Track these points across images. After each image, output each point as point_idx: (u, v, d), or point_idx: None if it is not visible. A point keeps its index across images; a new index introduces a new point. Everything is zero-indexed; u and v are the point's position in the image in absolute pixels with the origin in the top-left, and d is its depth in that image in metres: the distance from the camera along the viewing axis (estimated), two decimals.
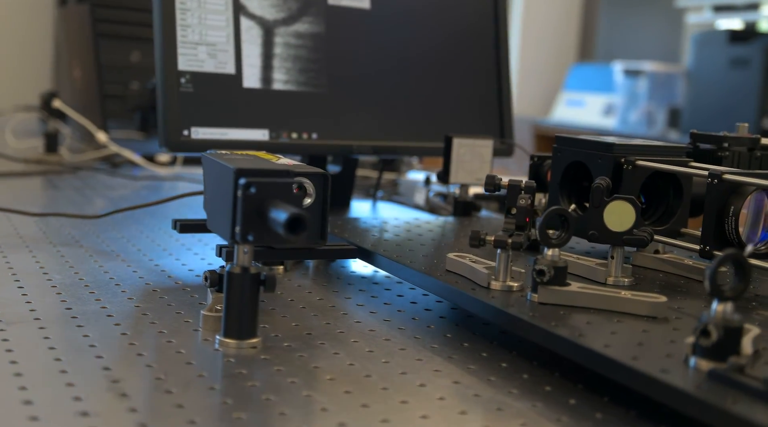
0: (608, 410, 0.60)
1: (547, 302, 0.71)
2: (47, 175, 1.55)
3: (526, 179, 0.80)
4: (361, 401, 0.59)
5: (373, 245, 0.90)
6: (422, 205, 1.35)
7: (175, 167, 1.66)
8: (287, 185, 0.63)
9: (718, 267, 0.57)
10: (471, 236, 0.76)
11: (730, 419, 0.50)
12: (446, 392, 0.62)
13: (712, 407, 0.51)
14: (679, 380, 0.55)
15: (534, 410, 0.59)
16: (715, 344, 0.56)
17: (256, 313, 0.69)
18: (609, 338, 0.63)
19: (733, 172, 0.79)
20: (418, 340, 0.73)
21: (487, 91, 1.31)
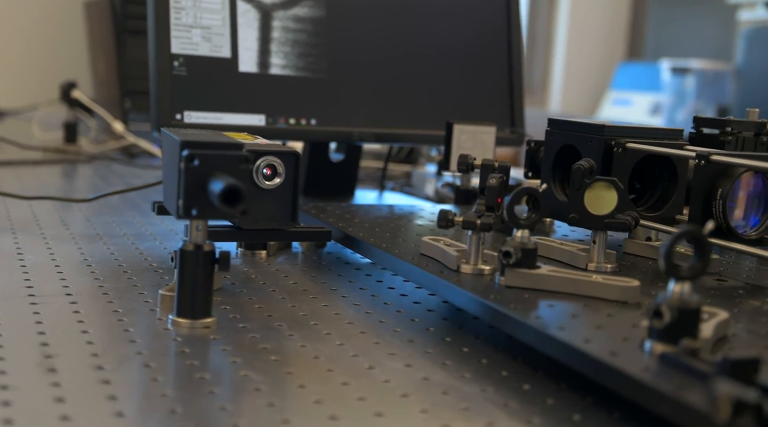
0: (562, 395, 0.56)
1: (514, 286, 0.68)
2: (62, 165, 1.56)
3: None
4: (299, 382, 0.56)
5: (352, 228, 0.88)
6: (431, 196, 1.32)
7: None
8: (233, 158, 0.61)
9: (674, 244, 0.53)
10: (439, 216, 0.73)
11: (670, 404, 0.47)
12: (393, 376, 0.59)
13: (653, 390, 0.48)
14: (625, 362, 0.51)
15: (482, 395, 0.56)
16: (670, 327, 0.53)
17: (209, 292, 0.66)
18: (567, 321, 0.60)
19: (721, 154, 0.75)
20: (383, 324, 0.70)
21: (497, 78, 1.28)
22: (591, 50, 4.54)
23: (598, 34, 4.54)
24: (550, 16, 4.47)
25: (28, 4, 2.93)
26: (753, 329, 0.61)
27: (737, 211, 0.74)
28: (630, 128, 0.85)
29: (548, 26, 4.48)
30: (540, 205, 0.69)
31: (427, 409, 0.54)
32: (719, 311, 0.59)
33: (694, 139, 0.95)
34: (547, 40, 4.49)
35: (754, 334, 0.60)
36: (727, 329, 0.59)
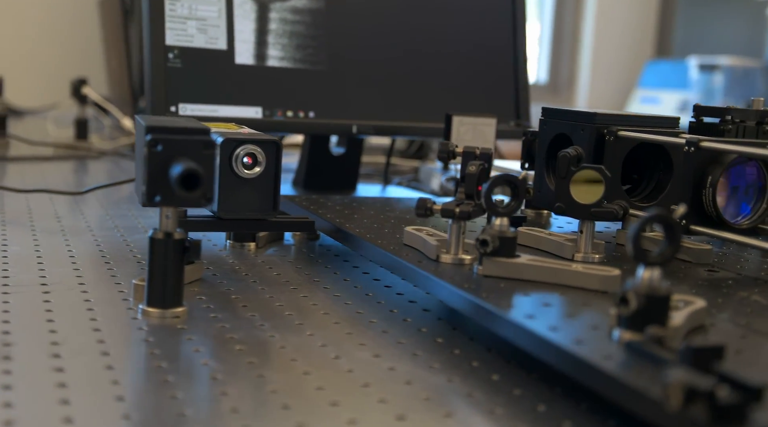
0: (530, 386, 0.55)
1: (491, 275, 0.66)
2: (71, 161, 1.56)
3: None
4: (258, 372, 0.55)
5: (339, 219, 0.86)
6: (436, 190, 1.30)
7: None
8: (196, 143, 0.59)
9: (642, 228, 0.51)
10: (417, 204, 0.71)
11: (626, 392, 0.45)
12: (359, 366, 0.57)
13: (611, 378, 0.46)
14: (587, 350, 0.49)
15: (447, 385, 0.55)
16: (637, 314, 0.51)
17: (180, 281, 0.65)
18: (538, 310, 0.58)
19: (711, 141, 0.72)
20: (360, 315, 0.69)
21: (501, 70, 1.25)
22: (618, 48, 4.48)
23: (625, 31, 4.49)
24: (576, 13, 4.42)
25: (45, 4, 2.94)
26: (734, 319, 0.59)
27: (718, 198, 0.72)
28: (623, 116, 0.83)
29: (575, 23, 4.44)
30: (519, 192, 0.67)
31: (387, 399, 0.52)
32: (696, 300, 0.57)
33: (694, 128, 0.92)
34: (574, 38, 4.44)
35: (734, 324, 0.58)
36: (703, 318, 0.57)
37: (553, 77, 4.48)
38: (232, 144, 0.75)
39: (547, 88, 4.42)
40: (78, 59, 2.74)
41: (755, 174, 0.75)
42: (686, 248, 0.77)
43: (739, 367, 0.48)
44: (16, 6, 2.90)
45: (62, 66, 2.72)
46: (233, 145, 0.75)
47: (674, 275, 0.71)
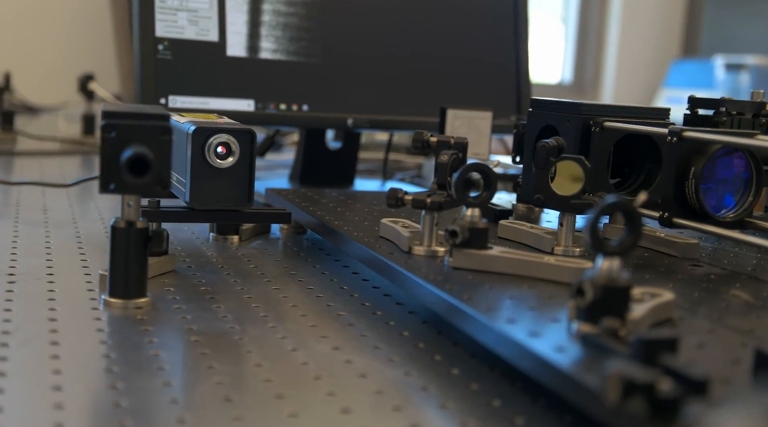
0: (490, 380, 0.53)
1: (461, 267, 0.64)
2: (76, 156, 1.55)
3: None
4: (208, 364, 0.53)
5: (320, 212, 0.85)
6: None
7: None
8: (153, 129, 0.58)
9: (599, 216, 0.49)
10: (388, 194, 0.69)
11: (570, 385, 0.43)
12: (314, 358, 0.56)
13: (556, 371, 0.44)
14: (539, 343, 0.47)
15: (403, 379, 0.53)
16: (595, 306, 0.49)
17: (143, 271, 0.64)
18: (500, 303, 0.56)
19: (694, 130, 0.70)
20: (330, 308, 0.67)
21: (502, 64, 1.23)
22: (644, 47, 4.43)
23: (651, 30, 4.43)
24: (602, 12, 4.38)
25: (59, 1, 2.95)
26: (706, 314, 0.57)
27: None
28: (611, 107, 0.81)
29: (600, 22, 4.39)
30: (492, 182, 0.65)
31: (335, 392, 0.50)
32: (663, 293, 0.55)
33: (688, 120, 0.90)
34: (599, 37, 4.40)
35: (705, 318, 0.56)
36: (670, 311, 0.54)
37: (578, 77, 4.43)
38: (205, 133, 0.73)
39: (572, 88, 4.37)
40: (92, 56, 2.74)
41: (743, 166, 0.72)
42: (672, 242, 0.75)
43: (696, 361, 0.46)
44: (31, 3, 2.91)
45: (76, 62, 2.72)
46: (206, 135, 0.73)
47: (655, 269, 0.69)
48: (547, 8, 4.33)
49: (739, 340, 0.51)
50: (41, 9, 2.89)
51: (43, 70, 2.79)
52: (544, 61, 4.31)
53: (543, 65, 4.31)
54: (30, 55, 2.84)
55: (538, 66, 4.25)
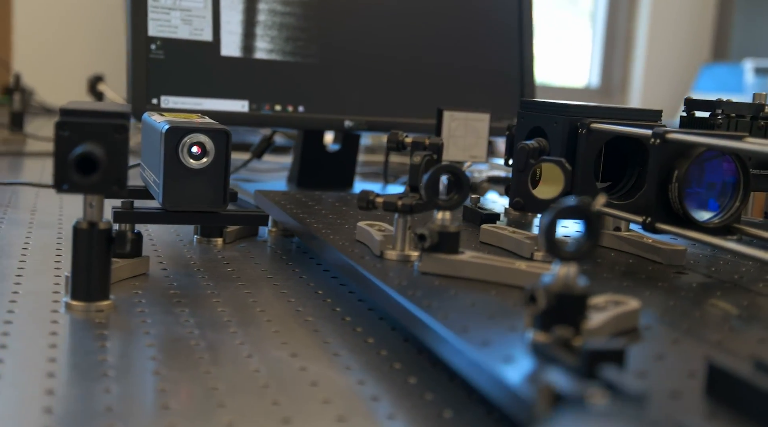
0: (445, 390, 0.51)
1: (430, 272, 0.62)
2: None
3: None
4: (156, 369, 0.52)
5: (302, 214, 0.83)
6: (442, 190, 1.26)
7: None
8: (107, 127, 0.57)
9: (555, 220, 0.47)
10: (359, 196, 0.67)
11: (509, 396, 0.41)
12: (268, 366, 0.54)
13: (499, 382, 0.42)
14: (487, 352, 0.45)
15: (356, 387, 0.51)
16: (549, 314, 0.47)
17: (106, 274, 0.63)
18: (459, 310, 0.54)
19: (677, 132, 0.67)
20: (299, 313, 0.65)
21: (505, 65, 1.21)
22: (673, 51, 4.37)
23: (680, 34, 4.38)
24: (630, 14, 4.32)
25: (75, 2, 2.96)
26: (677, 323, 0.54)
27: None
28: (600, 108, 0.79)
29: (629, 25, 4.34)
30: (463, 185, 0.63)
31: (280, 401, 0.48)
32: (629, 301, 0.52)
33: (685, 122, 0.87)
34: (627, 40, 4.35)
35: (674, 328, 0.53)
36: (634, 320, 0.52)
37: (606, 81, 4.38)
38: (179, 133, 0.72)
39: (599, 92, 4.33)
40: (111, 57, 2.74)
41: (733, 170, 0.69)
42: (657, 248, 0.72)
43: (648, 373, 0.44)
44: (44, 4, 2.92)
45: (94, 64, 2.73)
46: (180, 134, 0.72)
47: (636, 276, 0.67)
48: (574, 10, 4.28)
49: (703, 352, 0.48)
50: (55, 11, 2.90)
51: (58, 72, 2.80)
52: (570, 64, 4.27)
53: (569, 68, 4.27)
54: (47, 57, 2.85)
55: (563, 69, 4.22)
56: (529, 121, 0.82)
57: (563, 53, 4.18)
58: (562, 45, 4.17)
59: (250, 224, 0.83)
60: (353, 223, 0.81)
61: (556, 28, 4.13)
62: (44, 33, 2.85)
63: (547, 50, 4.05)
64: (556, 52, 4.13)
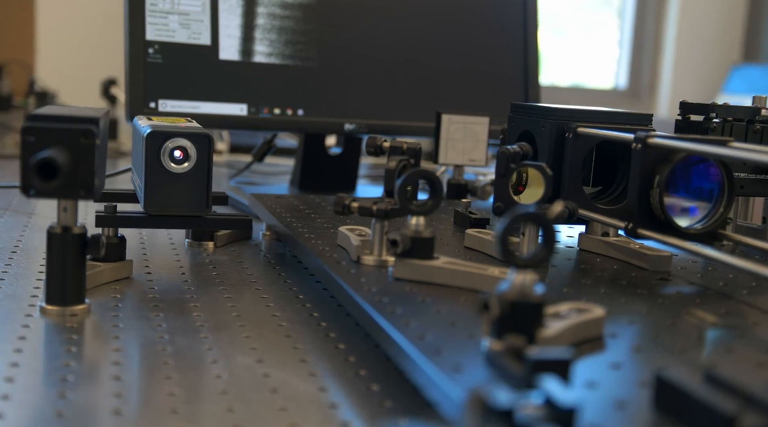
0: (406, 398, 0.50)
1: (403, 278, 0.62)
2: None
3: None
4: (117, 373, 0.52)
5: (289, 218, 0.83)
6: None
7: (222, 155, 1.63)
8: (74, 132, 0.57)
9: (510, 227, 0.46)
10: (334, 201, 0.67)
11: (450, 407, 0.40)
12: (231, 371, 0.53)
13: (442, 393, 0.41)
14: (438, 360, 0.45)
15: (316, 394, 0.51)
16: (504, 322, 0.46)
17: (81, 278, 0.63)
18: (422, 317, 0.53)
19: (658, 136, 0.66)
20: (275, 318, 0.65)
21: (509, 68, 1.20)
22: (702, 52, 4.33)
23: (710, 34, 4.33)
24: (659, 15, 4.28)
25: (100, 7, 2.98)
26: (645, 332, 0.53)
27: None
28: (589, 111, 0.78)
29: (657, 26, 4.30)
30: (438, 190, 0.62)
31: (235, 408, 0.48)
32: (594, 309, 0.52)
33: (680, 126, 0.86)
34: (656, 41, 4.31)
35: (641, 336, 0.52)
36: (597, 329, 0.51)
37: (634, 82, 4.34)
38: (161, 137, 0.72)
39: (627, 94, 4.29)
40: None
41: (717, 175, 0.68)
42: (643, 254, 0.71)
43: (600, 383, 0.43)
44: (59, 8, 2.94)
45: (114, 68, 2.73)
46: (161, 138, 0.72)
47: (617, 283, 0.66)
48: (607, 10, 4.25)
49: (664, 361, 0.47)
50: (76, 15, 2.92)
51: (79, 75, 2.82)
52: (597, 66, 4.24)
53: (596, 70, 4.24)
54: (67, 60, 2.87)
55: (590, 70, 4.19)
56: (519, 124, 0.82)
57: (589, 54, 4.15)
58: (589, 45, 4.14)
59: (234, 229, 0.83)
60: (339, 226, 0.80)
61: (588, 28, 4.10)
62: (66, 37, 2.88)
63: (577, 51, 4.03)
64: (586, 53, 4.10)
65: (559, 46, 4.00)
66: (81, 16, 2.92)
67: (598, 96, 4.13)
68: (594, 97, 4.07)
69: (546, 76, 3.95)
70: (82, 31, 2.91)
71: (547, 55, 3.96)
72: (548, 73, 3.98)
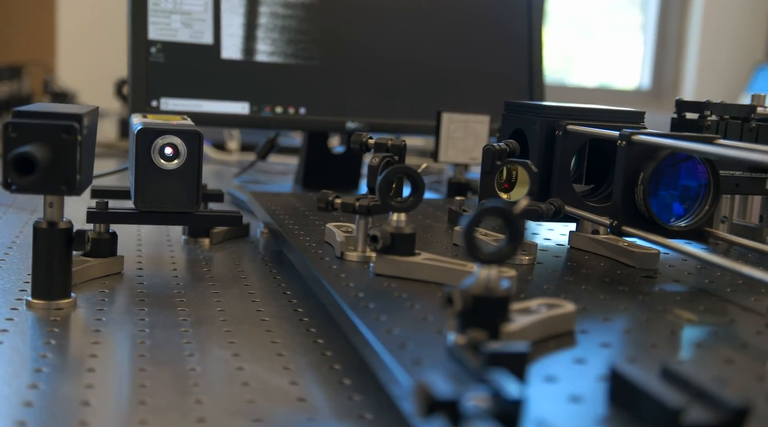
0: (374, 392, 0.50)
1: (383, 273, 0.62)
2: (110, 159, 1.58)
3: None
4: (92, 366, 0.52)
5: (281, 215, 0.83)
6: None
7: (233, 154, 1.64)
8: (56, 128, 0.57)
9: (474, 222, 0.46)
10: (318, 197, 0.67)
11: (405, 400, 0.40)
12: (205, 365, 0.54)
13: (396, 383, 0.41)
14: (399, 354, 0.45)
15: (286, 388, 0.51)
16: (468, 316, 0.46)
17: (67, 272, 0.64)
18: (394, 313, 0.53)
19: (642, 134, 0.66)
20: (259, 313, 0.65)
21: (513, 67, 1.20)
22: (726, 52, 4.29)
23: (734, 34, 4.29)
24: (682, 15, 4.25)
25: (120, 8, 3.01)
26: (615, 328, 0.53)
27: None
28: (579, 109, 0.77)
29: (680, 26, 4.27)
30: (419, 187, 0.62)
31: (203, 400, 0.48)
32: (565, 305, 0.52)
33: (675, 124, 0.85)
34: (679, 41, 4.28)
35: (610, 332, 0.52)
36: (568, 324, 0.51)
37: (657, 82, 4.31)
38: (151, 134, 0.73)
39: (650, 94, 4.26)
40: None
41: (696, 172, 0.68)
42: (629, 251, 0.71)
43: (559, 377, 0.43)
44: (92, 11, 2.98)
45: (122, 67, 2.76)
46: (152, 135, 0.73)
47: (599, 279, 0.66)
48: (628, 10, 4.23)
49: (631, 357, 0.47)
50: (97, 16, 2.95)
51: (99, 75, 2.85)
52: (624, 66, 4.22)
53: (623, 70, 4.22)
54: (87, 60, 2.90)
55: (617, 71, 4.17)
56: (512, 122, 0.82)
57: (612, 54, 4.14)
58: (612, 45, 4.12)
59: (223, 225, 0.83)
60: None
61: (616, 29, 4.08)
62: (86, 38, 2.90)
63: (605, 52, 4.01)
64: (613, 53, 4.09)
65: (587, 46, 3.98)
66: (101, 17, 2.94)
67: (621, 96, 4.11)
68: (617, 98, 4.05)
69: (574, 77, 3.95)
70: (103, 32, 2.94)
71: (576, 55, 3.95)
72: (576, 73, 3.98)
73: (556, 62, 3.80)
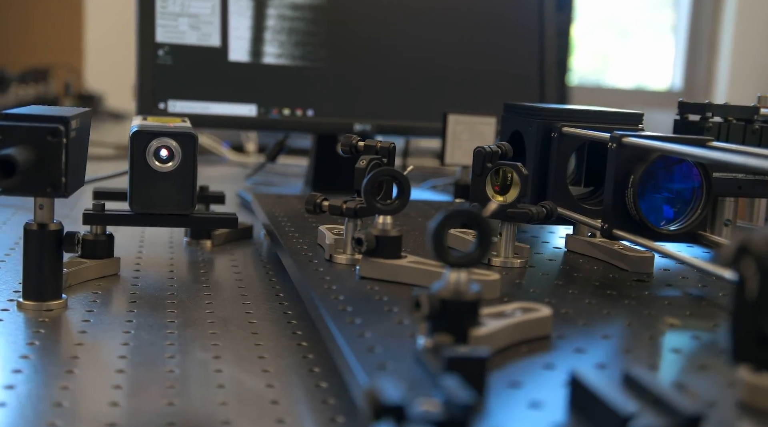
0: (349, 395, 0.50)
1: (368, 276, 0.62)
2: (122, 161, 1.59)
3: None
4: (72, 367, 0.53)
5: (279, 217, 0.83)
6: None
7: (251, 156, 1.65)
8: (42, 130, 0.58)
9: (443, 225, 0.46)
10: (306, 200, 0.67)
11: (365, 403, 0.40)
12: (184, 367, 0.54)
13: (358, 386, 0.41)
14: (366, 357, 0.45)
15: (262, 390, 0.51)
16: (437, 320, 0.46)
17: (57, 273, 0.64)
18: (371, 316, 0.53)
19: (633, 136, 0.65)
20: (249, 315, 0.65)
21: (524, 69, 1.19)
22: (760, 52, 4.24)
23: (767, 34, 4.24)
24: (715, 14, 4.21)
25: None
26: (593, 332, 0.53)
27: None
28: (577, 111, 0.77)
29: (713, 26, 4.22)
30: (405, 189, 0.62)
31: (176, 403, 0.49)
32: (542, 308, 0.51)
33: (678, 126, 0.84)
34: (711, 41, 4.23)
35: (586, 337, 0.52)
36: (544, 328, 0.51)
37: (689, 83, 4.27)
38: (146, 136, 0.73)
39: (682, 95, 4.22)
40: None
41: (688, 174, 0.67)
42: (623, 255, 0.70)
43: (521, 383, 0.43)
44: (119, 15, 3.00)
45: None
46: (147, 138, 0.73)
47: (589, 283, 0.65)
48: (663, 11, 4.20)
49: (603, 363, 0.47)
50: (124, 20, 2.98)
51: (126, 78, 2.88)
52: (658, 67, 4.18)
53: (658, 71, 4.18)
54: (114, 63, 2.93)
55: (645, 71, 4.13)
56: (510, 124, 0.81)
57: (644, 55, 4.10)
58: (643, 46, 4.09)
59: (219, 227, 0.83)
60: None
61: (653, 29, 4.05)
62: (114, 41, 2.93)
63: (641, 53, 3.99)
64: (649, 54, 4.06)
65: (622, 46, 3.96)
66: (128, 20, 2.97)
67: (653, 97, 4.08)
68: (650, 99, 4.02)
69: (610, 78, 3.93)
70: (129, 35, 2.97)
71: (612, 56, 3.93)
72: (612, 74, 3.96)
73: (593, 62, 3.78)
